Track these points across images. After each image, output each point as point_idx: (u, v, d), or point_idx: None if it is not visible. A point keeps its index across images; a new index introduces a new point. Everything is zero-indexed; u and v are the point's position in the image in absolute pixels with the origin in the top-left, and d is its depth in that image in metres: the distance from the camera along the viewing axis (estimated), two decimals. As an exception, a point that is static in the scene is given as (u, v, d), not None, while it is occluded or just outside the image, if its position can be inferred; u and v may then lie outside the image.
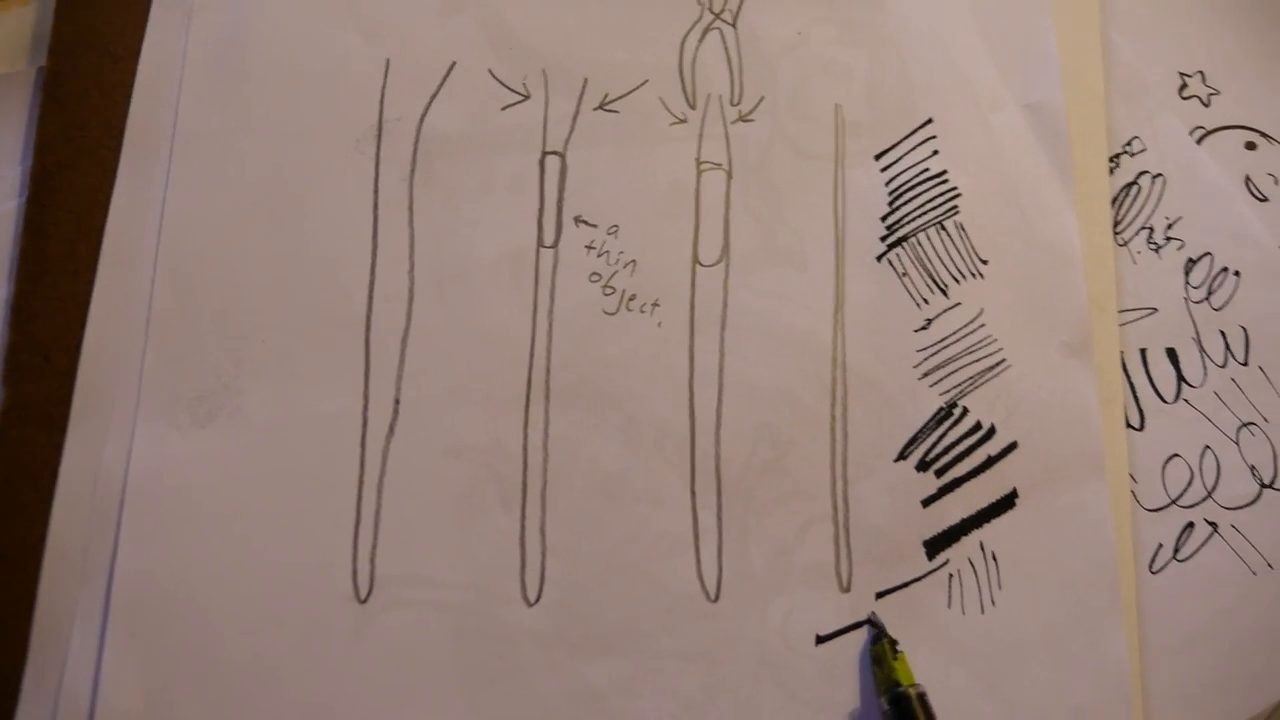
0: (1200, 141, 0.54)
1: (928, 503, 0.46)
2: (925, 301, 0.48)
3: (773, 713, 0.43)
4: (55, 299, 0.42)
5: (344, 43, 0.47)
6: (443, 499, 0.43)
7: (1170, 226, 0.52)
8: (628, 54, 0.49)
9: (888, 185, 0.49)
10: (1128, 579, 0.47)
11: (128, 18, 0.46)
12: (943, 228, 0.49)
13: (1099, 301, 0.50)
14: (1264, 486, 0.49)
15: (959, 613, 0.45)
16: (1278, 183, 0.54)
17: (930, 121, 0.50)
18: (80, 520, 0.40)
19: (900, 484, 0.46)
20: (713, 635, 0.43)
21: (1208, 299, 0.51)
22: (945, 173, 0.50)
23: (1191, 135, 0.53)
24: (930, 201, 0.49)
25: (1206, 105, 0.54)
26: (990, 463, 0.47)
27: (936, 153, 0.50)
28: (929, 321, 0.48)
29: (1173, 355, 0.51)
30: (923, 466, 0.47)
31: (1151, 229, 0.52)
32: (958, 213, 0.49)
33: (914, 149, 0.50)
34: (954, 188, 0.50)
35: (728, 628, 0.43)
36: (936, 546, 0.46)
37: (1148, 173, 0.53)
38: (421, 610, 0.42)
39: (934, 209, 0.49)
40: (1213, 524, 0.49)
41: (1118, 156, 0.53)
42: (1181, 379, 0.51)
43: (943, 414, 0.47)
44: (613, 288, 0.46)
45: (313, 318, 0.44)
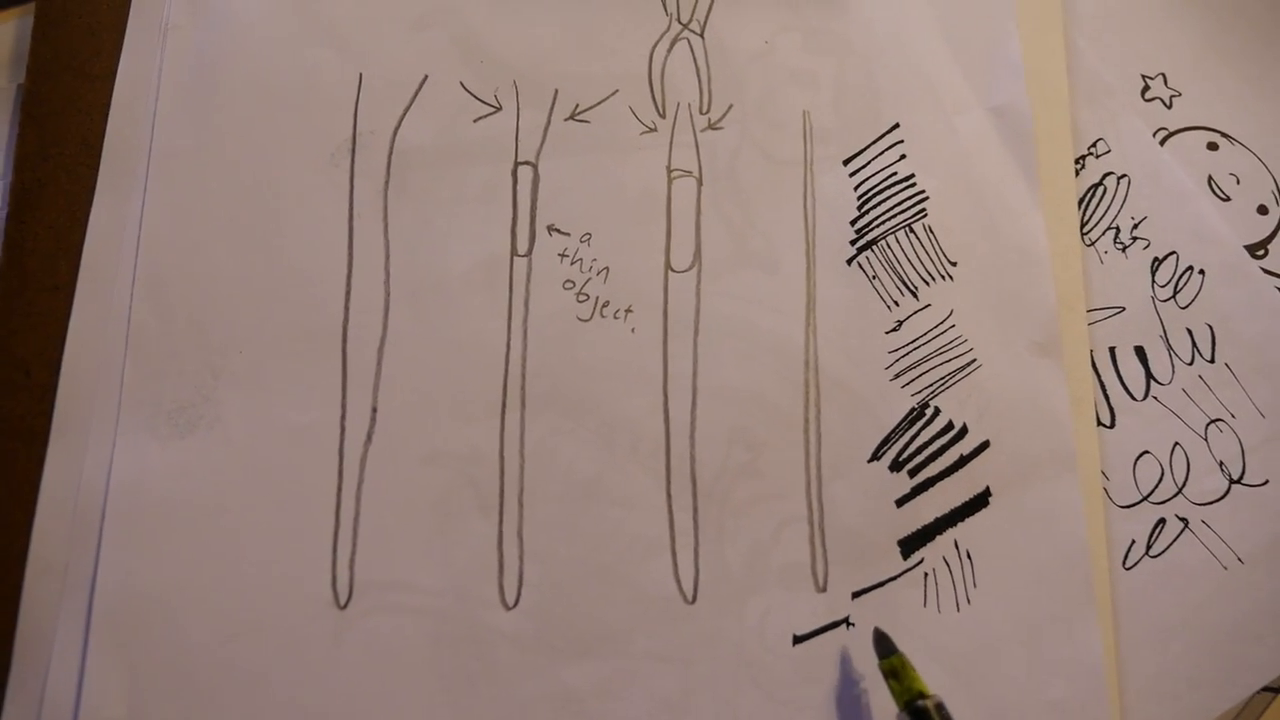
0: (1163, 143, 0.54)
1: (901, 502, 0.47)
2: (895, 303, 0.49)
3: (751, 713, 0.43)
4: (35, 314, 0.43)
5: (317, 58, 0.47)
6: (421, 505, 0.43)
7: (1136, 226, 0.53)
8: (598, 65, 0.49)
9: (856, 190, 0.50)
10: (1101, 575, 0.47)
11: (104, 38, 0.46)
12: (911, 230, 0.50)
13: (1067, 301, 0.50)
14: (1233, 482, 0.50)
15: (935, 611, 0.46)
16: (1239, 182, 0.54)
17: (897, 126, 0.51)
18: (62, 531, 0.41)
19: (874, 484, 0.47)
20: (690, 636, 0.44)
21: (1174, 297, 0.52)
22: (913, 176, 0.50)
23: (1155, 137, 0.54)
24: (898, 205, 0.50)
25: (1169, 107, 0.55)
26: (963, 462, 0.48)
27: (904, 157, 0.51)
28: (900, 323, 0.49)
29: (1141, 353, 0.51)
30: (896, 466, 0.47)
31: (1118, 229, 0.53)
32: (926, 215, 0.50)
33: (881, 153, 0.51)
34: (922, 191, 0.50)
35: (705, 629, 0.44)
36: (911, 546, 0.46)
37: (1113, 174, 0.53)
38: (401, 615, 0.42)
39: (902, 212, 0.50)
40: (1184, 520, 0.49)
41: (1083, 158, 0.53)
42: (1150, 377, 0.51)
43: (915, 414, 0.48)
44: (586, 295, 0.46)
45: (290, 329, 0.44)
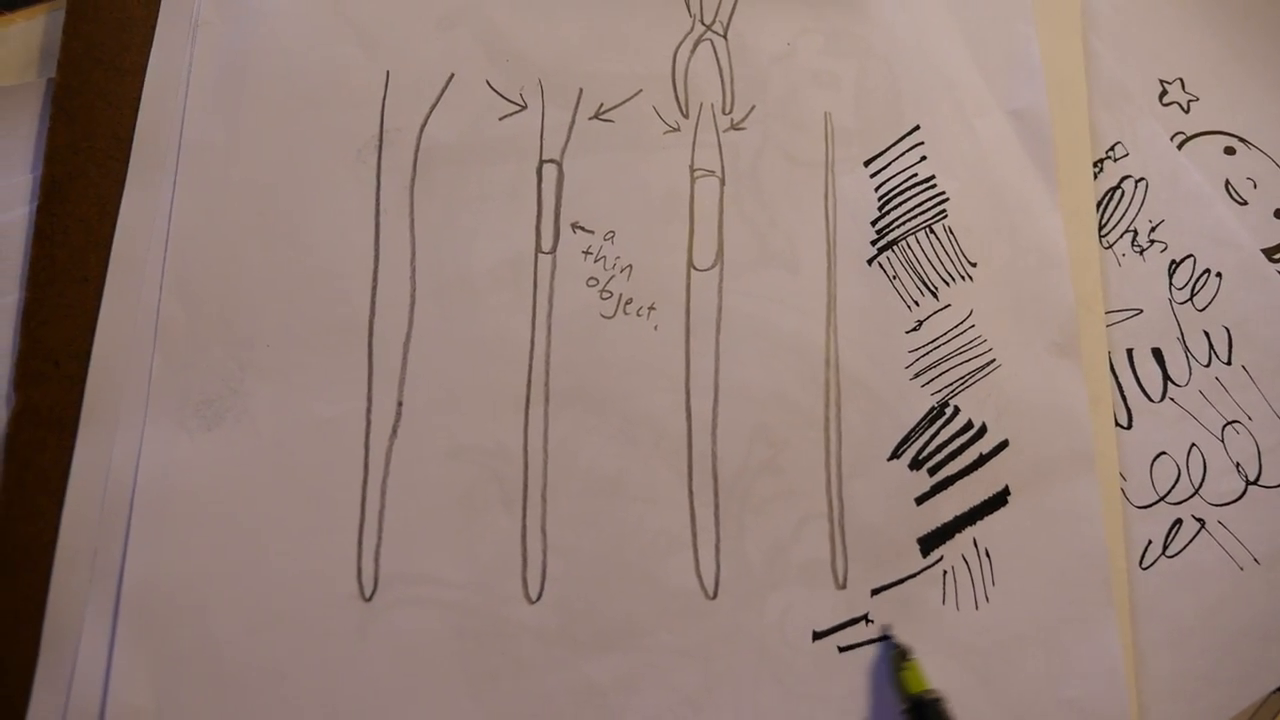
0: (1181, 147, 0.55)
1: (921, 500, 0.47)
2: (916, 303, 0.49)
3: (771, 707, 0.43)
4: (65, 306, 0.43)
5: (345, 56, 0.48)
6: (445, 499, 0.43)
7: (1153, 229, 0.53)
8: (622, 65, 0.50)
9: (877, 190, 0.50)
10: (1119, 575, 0.47)
11: (134, 33, 0.47)
12: (931, 231, 0.50)
13: (1086, 302, 0.51)
14: (1249, 483, 0.50)
15: (953, 608, 0.46)
16: (1256, 186, 0.55)
17: (918, 128, 0.51)
18: (90, 522, 0.41)
19: (894, 482, 0.47)
20: (711, 632, 0.44)
21: (1191, 300, 0.52)
22: (933, 178, 0.51)
23: (1172, 141, 0.55)
24: (919, 206, 0.50)
25: (1186, 111, 0.55)
26: (982, 461, 0.48)
27: (924, 158, 0.51)
28: (920, 323, 0.49)
29: (1158, 355, 0.52)
30: (916, 465, 0.47)
31: (1135, 232, 0.53)
32: (946, 216, 0.50)
33: (902, 155, 0.51)
34: (942, 192, 0.51)
35: (726, 624, 0.44)
36: (930, 543, 0.47)
37: (1130, 177, 0.54)
38: (425, 608, 0.42)
39: (923, 213, 0.50)
40: (1200, 520, 0.50)
41: (1101, 161, 0.54)
42: (1167, 378, 0.51)
43: (934, 413, 0.48)
44: (610, 292, 0.47)
45: (317, 323, 0.44)
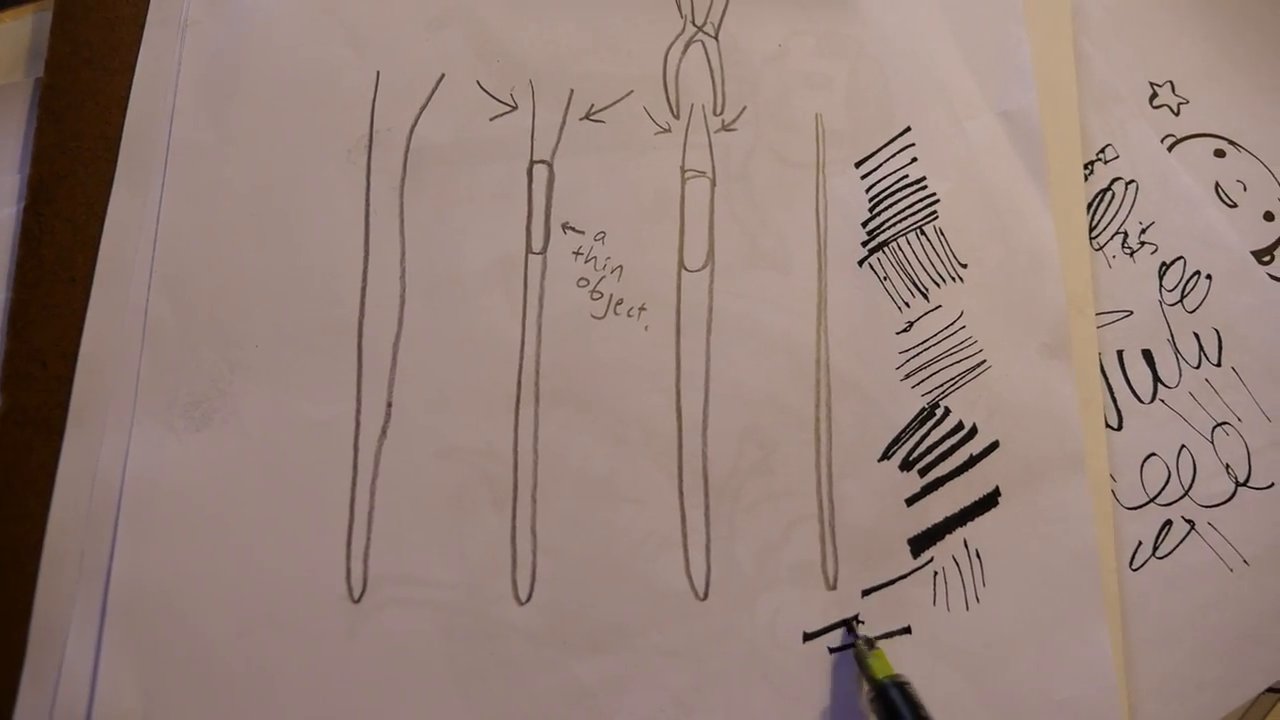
0: (1171, 149, 0.55)
1: (911, 501, 0.47)
2: (906, 304, 0.49)
3: (761, 709, 0.43)
4: (52, 306, 0.43)
5: (335, 56, 0.47)
6: (435, 500, 0.43)
7: (1144, 231, 0.53)
8: (613, 65, 0.50)
9: (868, 192, 0.50)
10: (1109, 576, 0.47)
11: (123, 32, 0.46)
12: (922, 232, 0.50)
13: (1077, 304, 0.51)
14: (1239, 485, 0.50)
15: (944, 610, 0.46)
16: (1246, 189, 0.55)
17: (908, 129, 0.51)
18: (77, 523, 0.41)
19: (884, 483, 0.47)
20: (701, 633, 0.44)
21: (1181, 302, 0.52)
22: (924, 179, 0.51)
23: (1163, 143, 0.55)
24: (910, 207, 0.50)
25: (1176, 114, 0.56)
26: (972, 462, 0.48)
27: (915, 160, 0.51)
28: (910, 324, 0.49)
29: (1149, 356, 0.52)
30: (906, 466, 0.47)
31: (1126, 233, 0.53)
32: (937, 218, 0.50)
33: (893, 156, 0.51)
34: (933, 194, 0.51)
35: (716, 625, 0.44)
36: (921, 544, 0.47)
37: (1121, 179, 0.54)
38: (414, 609, 0.42)
39: (913, 214, 0.50)
40: (1190, 522, 0.50)
41: (1091, 163, 0.54)
42: (1157, 380, 0.51)
43: (925, 414, 0.48)
44: (600, 292, 0.47)
45: (306, 323, 0.44)
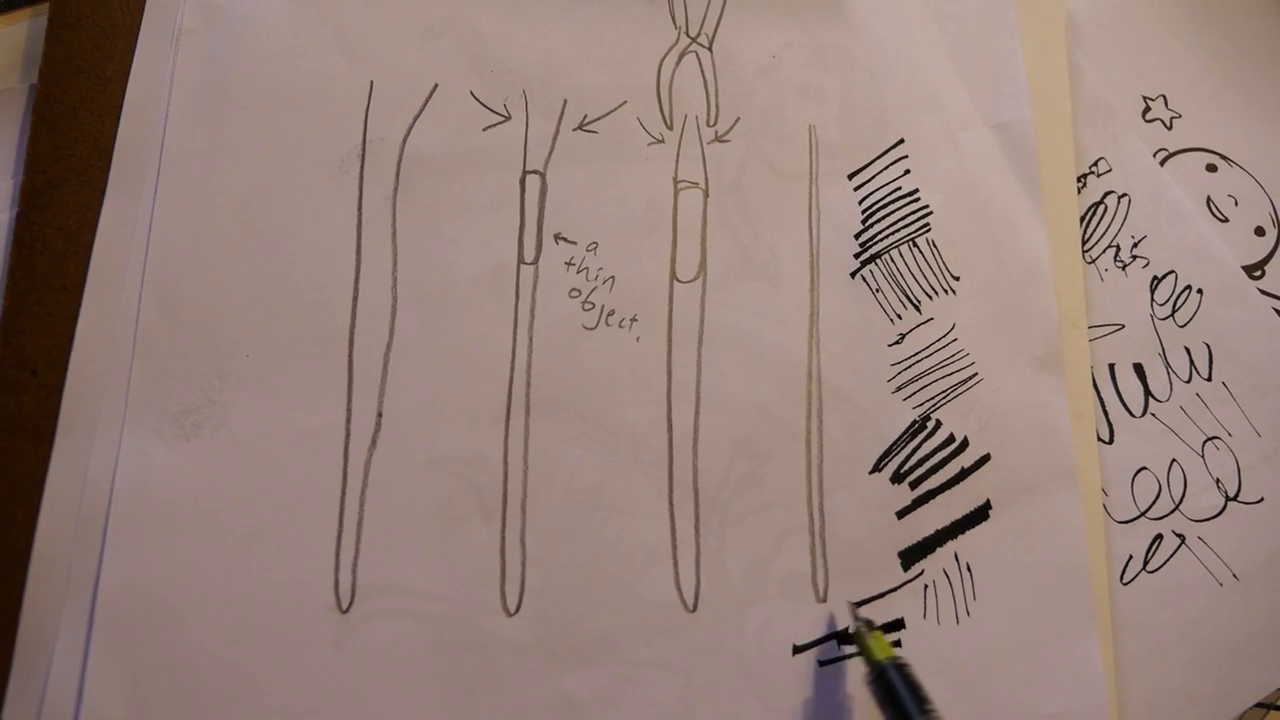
0: (1164, 163, 0.55)
1: (902, 514, 0.47)
2: (898, 317, 0.49)
3: (750, 722, 0.43)
4: (43, 314, 0.43)
5: (328, 65, 0.48)
6: (424, 510, 0.43)
7: (1136, 245, 0.53)
8: (606, 76, 0.50)
9: (861, 204, 0.50)
10: (1100, 590, 0.47)
11: (117, 41, 0.47)
12: (915, 245, 0.50)
13: (1069, 317, 0.51)
14: (1229, 499, 0.50)
15: (934, 623, 0.46)
16: (1238, 204, 0.55)
17: (902, 142, 0.51)
18: (66, 531, 0.41)
19: (875, 496, 0.47)
20: (691, 645, 0.44)
21: (1172, 316, 0.52)
22: (917, 191, 0.51)
23: (1155, 157, 0.55)
24: (902, 219, 0.50)
25: (1169, 128, 0.56)
26: (963, 475, 0.48)
27: (908, 172, 0.51)
28: (902, 336, 0.49)
29: (1140, 370, 0.52)
30: (897, 479, 0.47)
31: (1118, 247, 0.53)
32: (929, 230, 0.50)
33: (886, 168, 0.51)
34: (925, 206, 0.51)
35: (705, 638, 0.44)
36: (911, 557, 0.46)
37: (1114, 193, 0.54)
38: (403, 620, 0.42)
39: (906, 226, 0.50)
40: (1181, 536, 0.50)
41: (1084, 177, 0.54)
42: (1149, 394, 0.51)
43: (916, 427, 0.48)
44: (592, 303, 0.47)
45: (297, 333, 0.44)
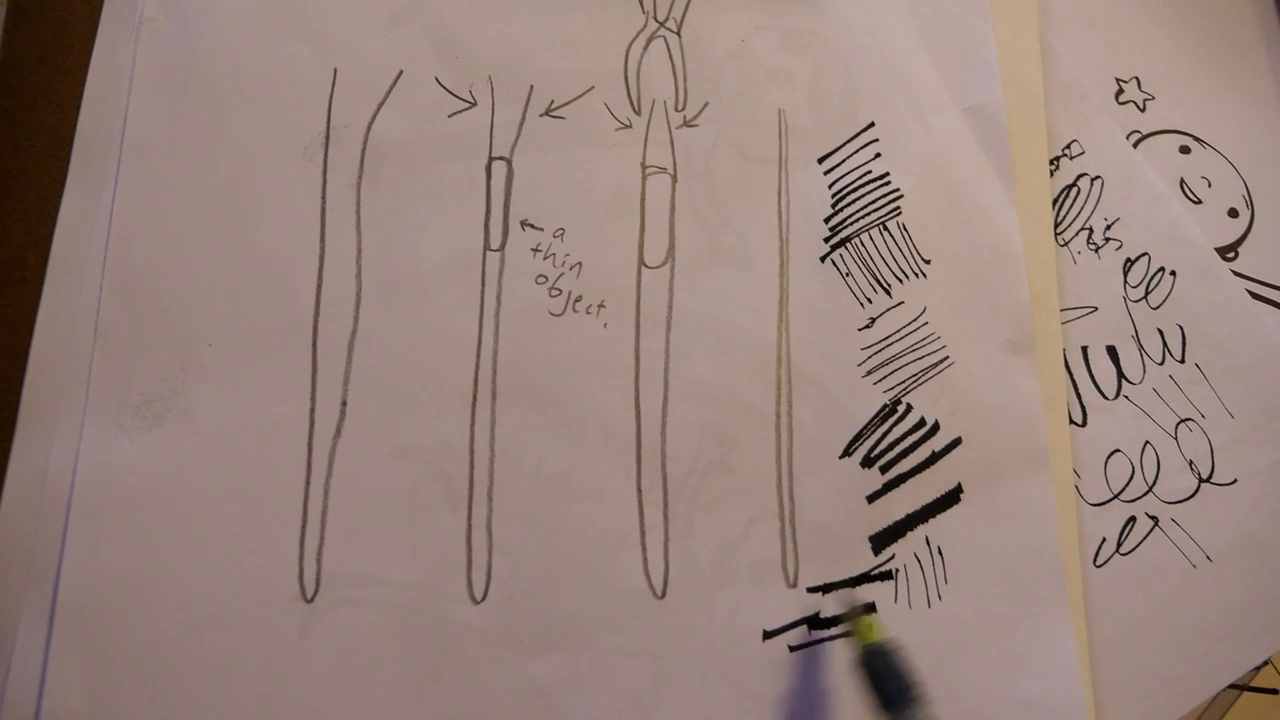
0: (1137, 145, 0.55)
1: (873, 499, 0.47)
2: (869, 300, 0.49)
3: (720, 708, 0.43)
4: (3, 305, 0.42)
5: (292, 52, 0.47)
6: (390, 499, 0.43)
7: (1109, 227, 0.53)
8: (573, 61, 0.49)
9: (831, 187, 0.50)
10: (1073, 572, 0.47)
11: (77, 31, 0.46)
12: (885, 228, 0.50)
13: (1041, 300, 0.50)
14: (1202, 481, 0.50)
15: (906, 607, 0.46)
16: (1211, 186, 0.54)
17: (872, 125, 0.51)
18: (27, 525, 0.41)
19: (845, 480, 0.47)
20: (660, 631, 0.44)
21: (1145, 298, 0.52)
22: (887, 175, 0.50)
23: (1128, 139, 0.54)
24: (873, 203, 0.50)
25: (1142, 110, 0.55)
26: (935, 458, 0.48)
27: (879, 155, 0.51)
28: (872, 320, 0.49)
29: (1113, 353, 0.51)
30: (868, 463, 0.47)
31: (1091, 230, 0.53)
32: (900, 214, 0.50)
33: (856, 152, 0.51)
34: (896, 189, 0.50)
35: (675, 624, 0.44)
36: (882, 542, 0.46)
37: (1086, 175, 0.53)
38: (368, 609, 0.42)
39: (876, 210, 0.50)
40: (1154, 518, 0.49)
41: (1057, 159, 0.53)
42: (1122, 376, 0.51)
43: (887, 411, 0.48)
44: (559, 289, 0.46)
45: (260, 322, 0.44)
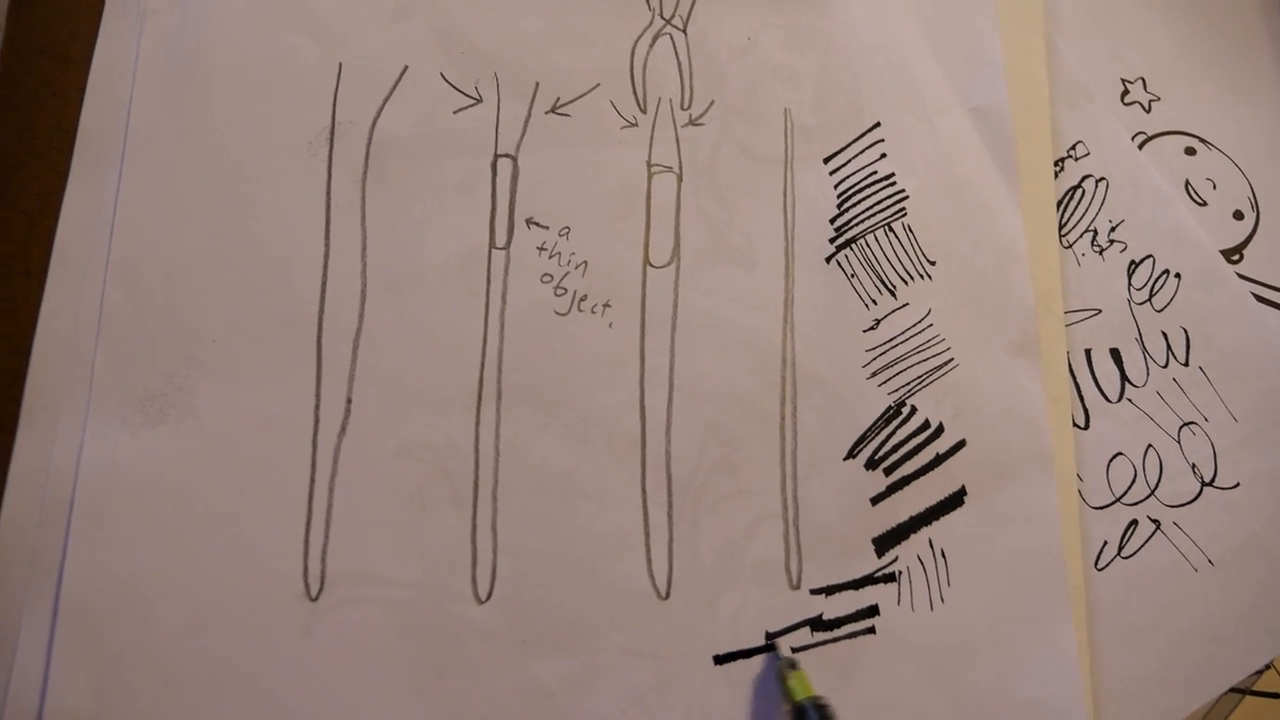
0: (1142, 147, 0.55)
1: (876, 500, 0.47)
2: (874, 302, 0.49)
3: (722, 708, 0.43)
4: (5, 299, 0.42)
5: (297, 47, 0.47)
6: (394, 497, 0.43)
7: (1113, 229, 0.53)
8: (579, 58, 0.49)
9: (836, 188, 0.50)
10: (1075, 575, 0.47)
11: (81, 22, 0.46)
12: (890, 229, 0.50)
13: (1045, 302, 0.50)
14: (1204, 485, 0.50)
15: (908, 609, 0.46)
16: (1216, 188, 0.55)
17: (878, 125, 0.51)
18: (29, 521, 0.40)
19: (849, 482, 0.47)
20: (663, 632, 0.44)
21: (1150, 300, 0.52)
22: (893, 175, 0.50)
23: (1134, 140, 0.54)
24: (878, 204, 0.50)
25: (1148, 111, 0.55)
26: (939, 460, 0.48)
27: (884, 156, 0.51)
28: (877, 321, 0.49)
29: (1116, 355, 0.51)
30: (871, 465, 0.47)
31: (1095, 231, 0.53)
32: (905, 215, 0.50)
33: (862, 152, 0.51)
34: (901, 190, 0.50)
35: (678, 624, 0.44)
36: (885, 544, 0.46)
37: (1091, 176, 0.53)
38: (372, 607, 0.42)
39: (882, 211, 0.50)
40: (1156, 521, 0.50)
41: (1062, 160, 0.53)
42: (1125, 379, 0.51)
43: (891, 412, 0.48)
44: (564, 289, 0.46)
45: (264, 318, 0.44)
